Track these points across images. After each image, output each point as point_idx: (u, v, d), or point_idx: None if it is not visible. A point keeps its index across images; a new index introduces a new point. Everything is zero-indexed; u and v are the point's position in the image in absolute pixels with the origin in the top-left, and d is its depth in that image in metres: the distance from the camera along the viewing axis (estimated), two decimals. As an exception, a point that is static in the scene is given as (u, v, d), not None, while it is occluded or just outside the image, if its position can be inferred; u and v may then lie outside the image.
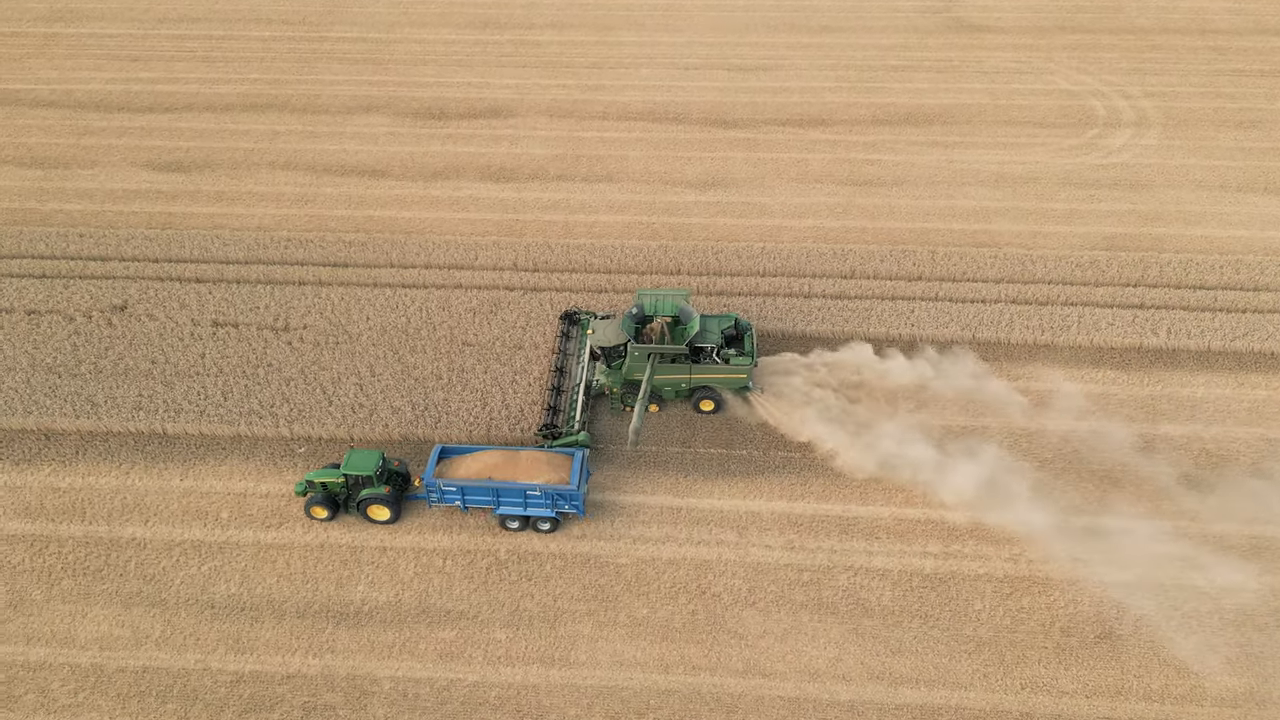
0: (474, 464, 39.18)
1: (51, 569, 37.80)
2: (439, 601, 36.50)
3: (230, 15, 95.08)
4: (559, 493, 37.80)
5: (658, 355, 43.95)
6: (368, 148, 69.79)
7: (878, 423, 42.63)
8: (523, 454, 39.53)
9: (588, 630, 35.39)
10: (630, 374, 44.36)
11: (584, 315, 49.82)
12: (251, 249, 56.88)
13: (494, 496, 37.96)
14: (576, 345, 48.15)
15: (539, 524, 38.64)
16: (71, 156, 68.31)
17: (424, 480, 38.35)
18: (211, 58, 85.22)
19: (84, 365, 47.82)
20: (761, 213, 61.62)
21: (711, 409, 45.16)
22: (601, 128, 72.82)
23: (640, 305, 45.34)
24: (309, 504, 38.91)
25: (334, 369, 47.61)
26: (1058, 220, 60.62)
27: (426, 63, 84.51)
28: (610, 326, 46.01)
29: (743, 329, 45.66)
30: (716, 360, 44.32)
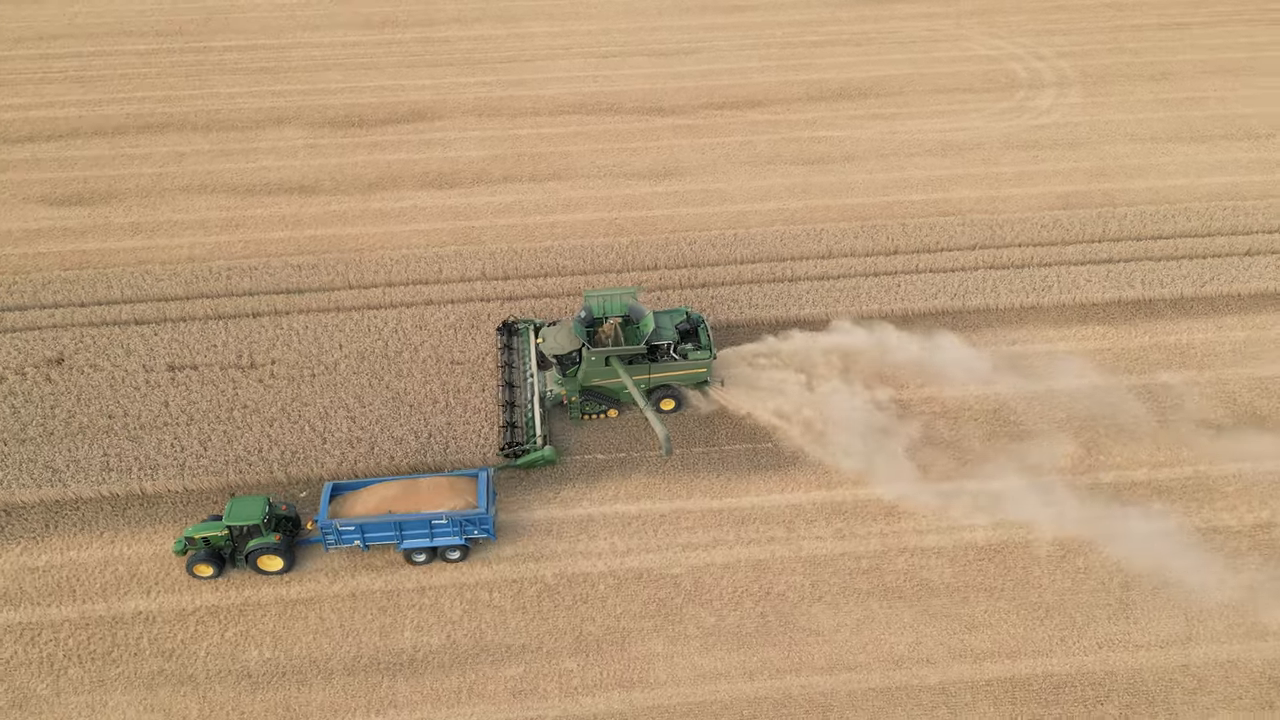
0: (370, 498, 37.62)
1: (52, 658, 34.73)
2: (496, 637, 35.30)
3: (93, 30, 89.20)
4: (467, 518, 36.84)
5: (619, 357, 43.22)
6: (288, 163, 66.69)
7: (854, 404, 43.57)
8: (422, 481, 38.28)
9: (660, 647, 34.87)
10: (588, 380, 43.77)
11: (523, 324, 48.91)
12: (190, 282, 53.54)
13: (397, 531, 36.75)
14: (519, 356, 47.16)
15: (447, 554, 37.57)
16: (-50, 197, 62.70)
17: (318, 523, 36.59)
18: (85, 77, 79.77)
19: (31, 428, 44.07)
20: (722, 199, 61.85)
21: (673, 407, 45.00)
22: (535, 124, 71.63)
23: (588, 308, 44.72)
24: (191, 563, 36.60)
25: (317, 403, 45.36)
26: (1010, 183, 63.04)
27: (329, 68, 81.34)
28: (560, 333, 45.19)
29: (695, 322, 45.47)
30: (674, 357, 43.97)
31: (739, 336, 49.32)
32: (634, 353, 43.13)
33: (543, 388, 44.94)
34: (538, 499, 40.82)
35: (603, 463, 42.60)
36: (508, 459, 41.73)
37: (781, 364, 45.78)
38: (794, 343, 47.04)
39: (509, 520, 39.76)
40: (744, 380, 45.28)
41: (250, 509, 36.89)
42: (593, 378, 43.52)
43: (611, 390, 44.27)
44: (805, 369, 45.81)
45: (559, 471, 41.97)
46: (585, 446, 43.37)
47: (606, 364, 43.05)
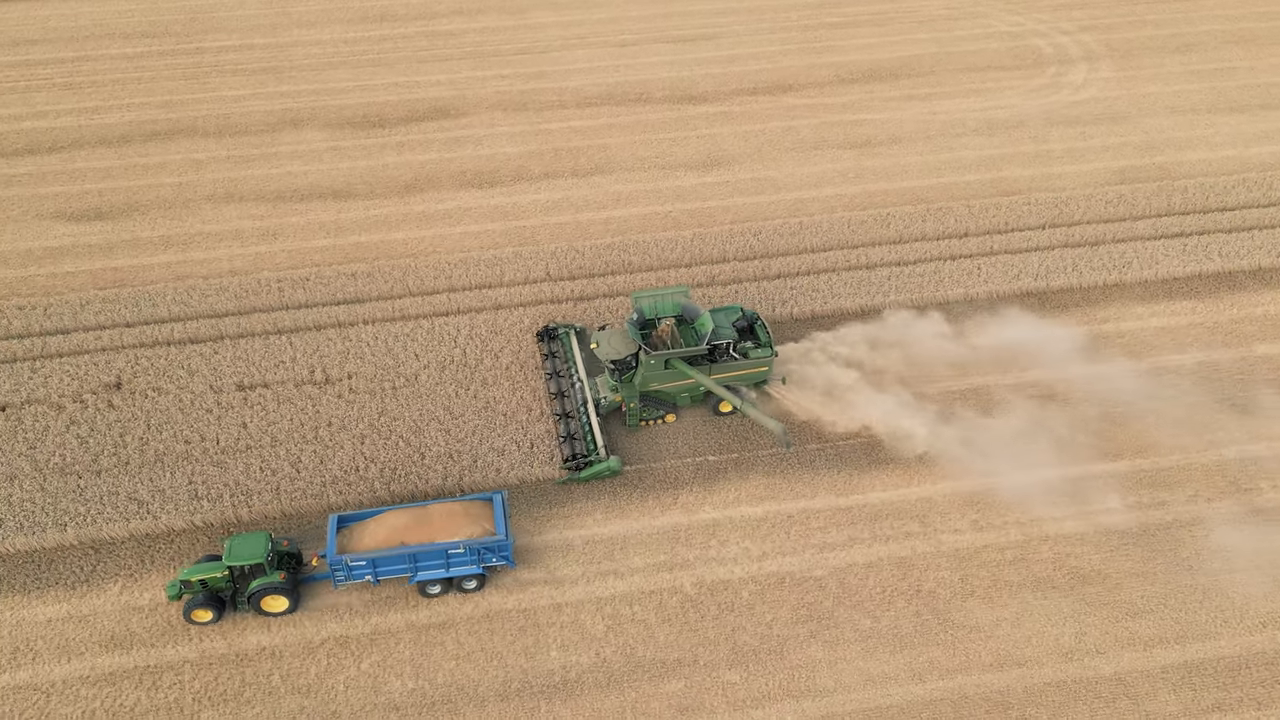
0: (379, 529, 35.98)
1: (180, 703, 33.21)
2: (647, 652, 34.53)
3: (72, 34, 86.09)
4: (486, 546, 35.57)
5: (685, 358, 42.21)
6: (314, 167, 64.91)
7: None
8: (433, 509, 36.73)
9: (820, 653, 34.39)
10: (645, 385, 42.82)
11: (564, 329, 47.94)
12: (240, 297, 51.78)
13: (411, 563, 35.36)
14: (564, 363, 46.17)
15: (464, 584, 36.31)
16: (-43, 217, 59.98)
17: (327, 559, 35.00)
18: (75, 84, 76.94)
19: (103, 459, 42.23)
20: (775, 187, 61.44)
21: (731, 409, 44.24)
22: (564, 117, 70.58)
23: (639, 309, 43.59)
24: (188, 608, 34.79)
25: (406, 417, 44.09)
26: (1061, 160, 63.46)
27: (335, 66, 79.39)
28: (615, 337, 44.02)
29: (750, 318, 44.66)
30: (735, 356, 43.10)
31: (823, 326, 48.81)
32: (695, 354, 42.04)
33: (595, 394, 43.90)
34: (657, 504, 40.10)
35: (715, 465, 41.99)
36: (571, 472, 40.52)
37: (873, 351, 45.44)
38: (884, 328, 46.77)
39: (631, 529, 39.19)
40: (835, 368, 44.87)
41: (252, 547, 35.00)
42: (651, 382, 42.66)
43: (669, 394, 43.48)
44: (901, 357, 45.50)
45: (670, 476, 41.36)
46: (677, 450, 42.81)
47: (666, 367, 42.03)
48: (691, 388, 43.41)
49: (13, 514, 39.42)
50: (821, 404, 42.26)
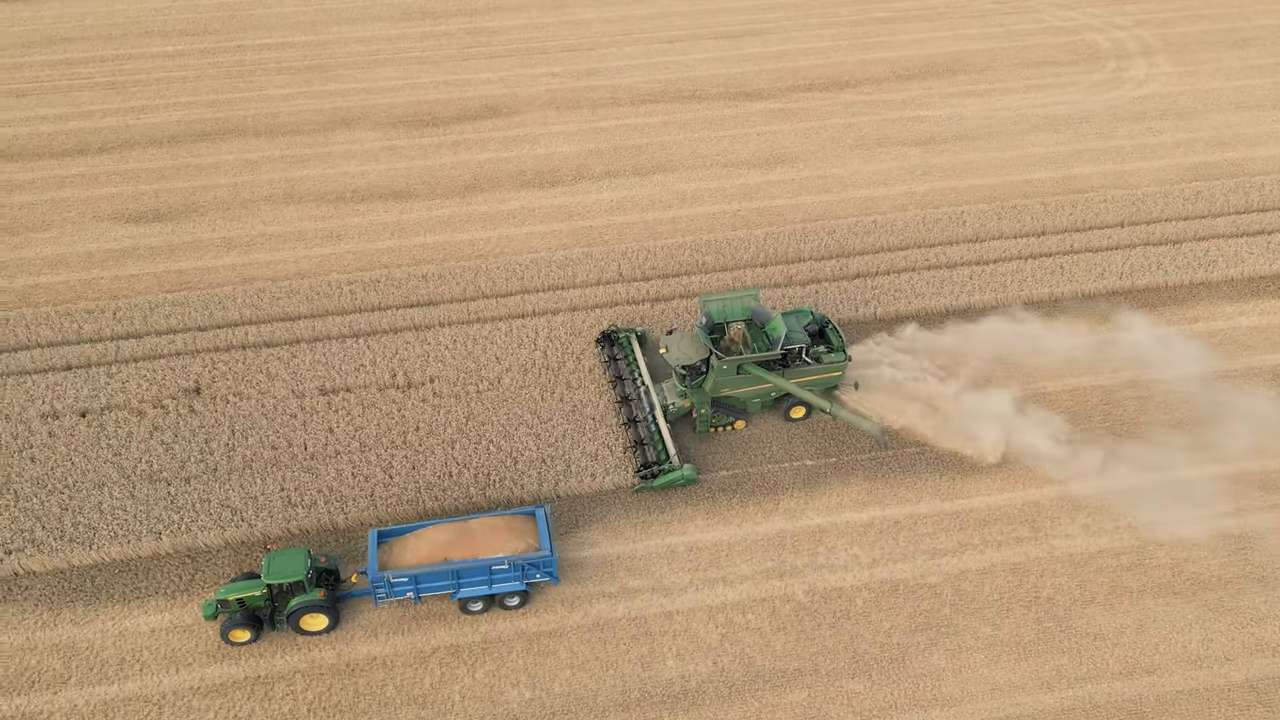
0: (421, 545, 35.22)
1: (294, 714, 32.95)
2: (766, 661, 34.22)
3: (109, 32, 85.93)
4: (530, 562, 34.83)
5: (762, 363, 41.72)
6: (371, 167, 64.63)
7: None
8: (474, 523, 35.95)
9: (942, 661, 34.08)
10: (717, 390, 42.23)
11: (624, 333, 47.37)
12: (312, 299, 51.48)
13: (453, 579, 34.71)
14: (627, 368, 45.59)
15: (506, 600, 35.48)
16: (12, 219, 59.83)
17: (369, 575, 34.19)
18: (117, 83, 76.71)
19: (190, 465, 41.94)
20: (842, 185, 61.12)
21: (803, 415, 43.89)
22: (620, 115, 70.29)
23: (708, 313, 43.08)
24: (226, 628, 34.03)
25: (494, 421, 43.80)
26: (1131, 157, 63.12)
27: (380, 64, 79.16)
28: (685, 342, 43.43)
29: (820, 322, 44.16)
30: (808, 361, 42.55)
31: (913, 325, 48.47)
32: (769, 359, 41.56)
33: (663, 400, 43.46)
34: (759, 510, 39.81)
35: (814, 469, 41.68)
36: (644, 480, 40.14)
37: (964, 355, 45.16)
38: (975, 331, 46.48)
39: (734, 535, 38.90)
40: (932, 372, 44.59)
41: (292, 564, 34.37)
42: (722, 388, 42.18)
43: (740, 400, 43.00)
44: (995, 359, 45.24)
45: (769, 481, 41.09)
46: (752, 457, 42.43)
47: (738, 372, 41.52)
48: (763, 393, 43.02)
49: (105, 522, 39.13)
50: (938, 422, 41.84)
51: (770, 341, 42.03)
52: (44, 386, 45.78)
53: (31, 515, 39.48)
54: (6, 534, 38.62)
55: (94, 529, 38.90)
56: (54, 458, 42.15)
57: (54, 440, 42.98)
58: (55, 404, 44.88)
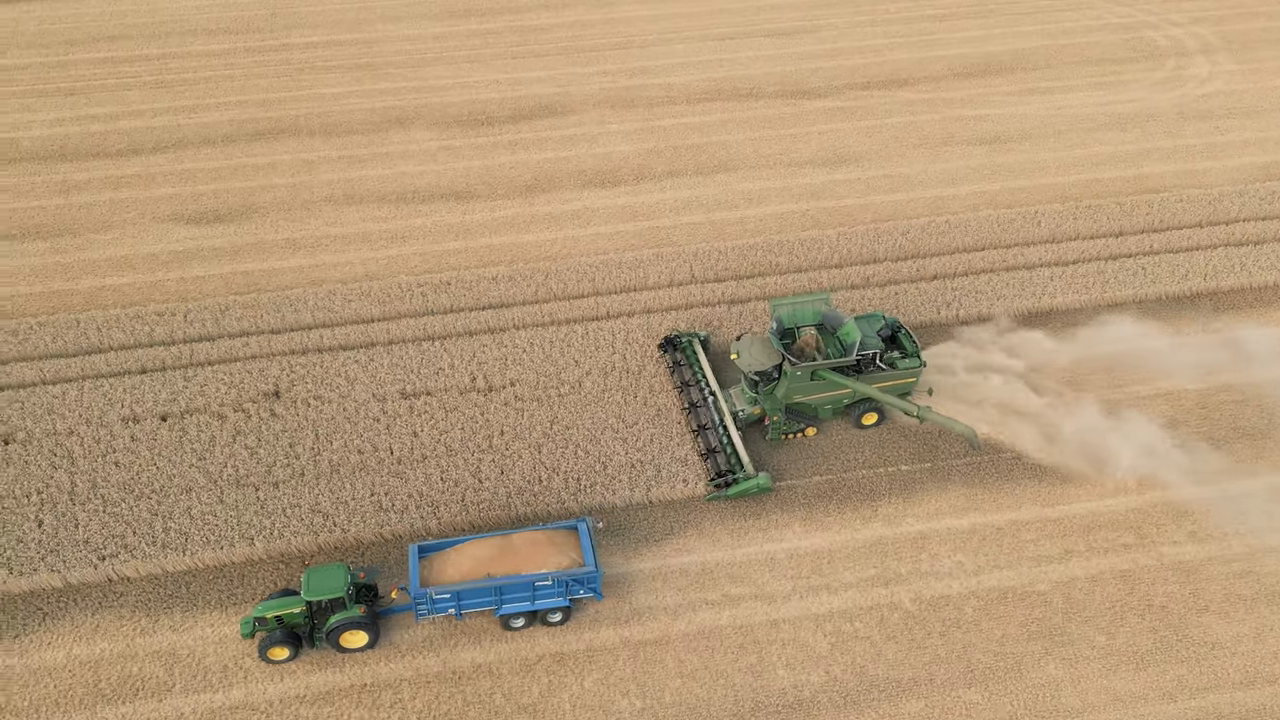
0: (463, 560, 34.76)
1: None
2: (879, 670, 33.97)
3: (152, 30, 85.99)
4: (575, 578, 34.31)
5: (841, 368, 41.31)
6: (429, 167, 64.51)
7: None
8: (516, 538, 35.47)
9: (1058, 671, 33.79)
10: (789, 397, 41.84)
11: (686, 337, 46.93)
12: (385, 302, 51.35)
13: (496, 595, 34.20)
14: (691, 374, 45.15)
15: (548, 616, 35.17)
16: (72, 219, 59.82)
17: (411, 591, 33.71)
18: (166, 82, 76.72)
19: (277, 469, 41.83)
20: (910, 184, 60.81)
21: (875, 421, 43.53)
22: (676, 114, 70.09)
23: (778, 318, 42.60)
24: (264, 647, 33.53)
25: (579, 425, 43.62)
26: (1202, 156, 62.67)
27: (429, 63, 79.06)
28: (756, 347, 42.96)
29: (892, 326, 43.76)
30: (882, 367, 42.12)
31: (993, 327, 48.26)
32: (843, 365, 41.11)
33: (732, 407, 43.11)
34: (856, 516, 39.60)
35: (909, 475, 41.38)
36: (717, 489, 39.84)
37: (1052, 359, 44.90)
38: (1068, 339, 46.21)
39: (833, 541, 38.69)
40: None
41: (332, 580, 33.80)
42: (795, 394, 41.80)
43: (812, 407, 42.62)
44: (1086, 362, 44.99)
45: (864, 487, 40.87)
46: (828, 464, 42.16)
47: (812, 379, 41.14)
48: (835, 400, 42.65)
49: (196, 527, 39.03)
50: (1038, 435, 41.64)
51: (844, 347, 41.64)
52: (121, 390, 45.70)
53: (121, 520, 39.40)
54: (98, 539, 38.54)
55: (186, 534, 38.79)
56: (138, 462, 42.06)
57: (136, 444, 42.91)
58: (134, 407, 44.79)
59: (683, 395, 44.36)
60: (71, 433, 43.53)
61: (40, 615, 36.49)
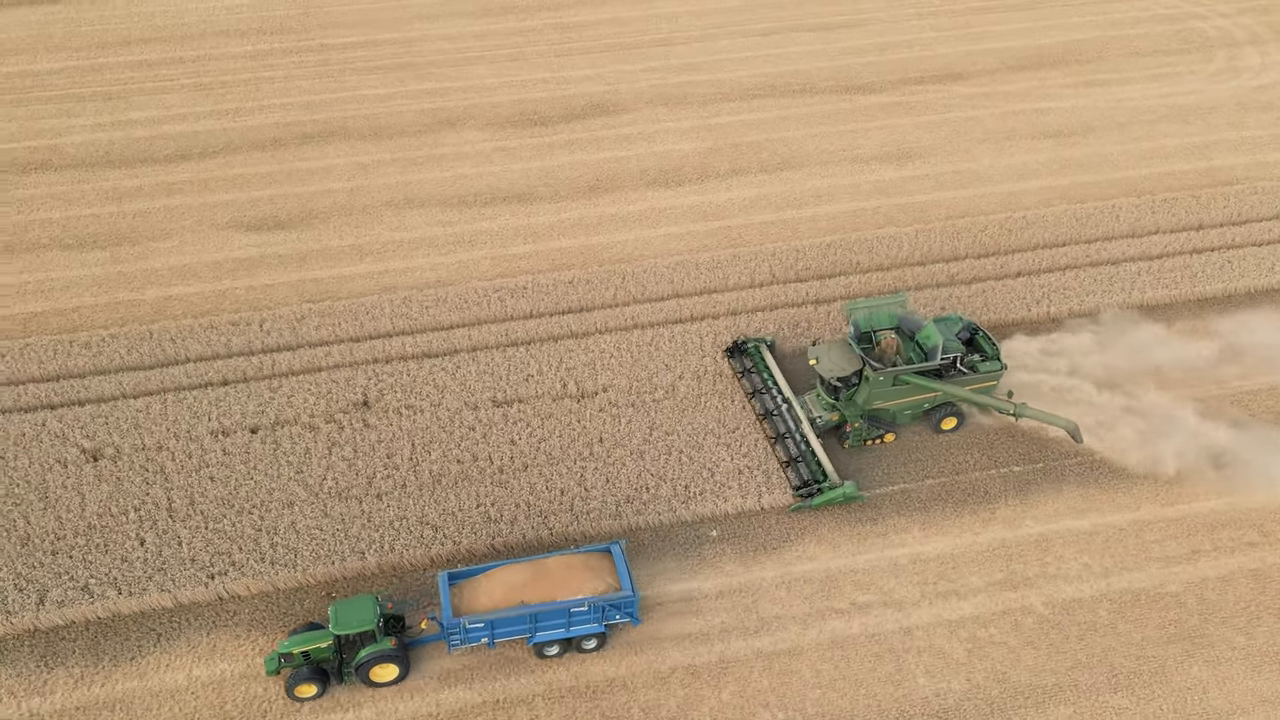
0: (495, 587, 33.87)
1: (545, 742, 32.29)
2: (1021, 677, 33.75)
3: (183, 32, 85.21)
4: (611, 603, 33.41)
5: (929, 373, 40.89)
6: (487, 169, 63.97)
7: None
8: (550, 562, 34.60)
9: (1202, 673, 33.64)
10: (870, 403, 41.37)
11: (753, 343, 46.40)
12: (461, 308, 50.87)
13: (530, 623, 33.25)
14: (761, 380, 44.64)
15: (583, 643, 34.27)
16: (128, 228, 59.11)
17: (442, 621, 32.89)
18: (205, 85, 75.97)
19: (378, 481, 41.37)
20: (979, 180, 60.62)
21: (954, 426, 43.18)
22: (731, 110, 69.73)
23: (855, 322, 42.08)
24: (291, 683, 32.57)
25: (679, 431, 43.31)
26: (1269, 148, 62.72)
27: (472, 62, 78.53)
28: (835, 352, 42.37)
29: (970, 329, 43.16)
30: (963, 371, 41.60)
31: (1092, 323, 48.09)
32: (929, 369, 40.66)
33: (810, 414, 42.58)
34: (975, 519, 39.48)
35: (1021, 475, 41.16)
36: (802, 499, 39.42)
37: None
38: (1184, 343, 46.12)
39: (955, 546, 38.43)
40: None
41: (360, 613, 32.88)
42: (876, 400, 41.33)
43: (891, 412, 42.20)
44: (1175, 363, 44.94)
45: (978, 489, 40.68)
46: (906, 472, 41.79)
47: (894, 384, 40.76)
48: (915, 405, 42.22)
49: (303, 542, 38.53)
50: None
51: (925, 351, 41.17)
52: (206, 403, 45.10)
53: (225, 536, 38.86)
54: (205, 557, 38.00)
55: (294, 549, 38.28)
56: (234, 476, 41.50)
57: (230, 458, 42.34)
58: (223, 420, 44.23)
59: (754, 402, 43.78)
60: (161, 447, 42.86)
61: (155, 636, 35.90)
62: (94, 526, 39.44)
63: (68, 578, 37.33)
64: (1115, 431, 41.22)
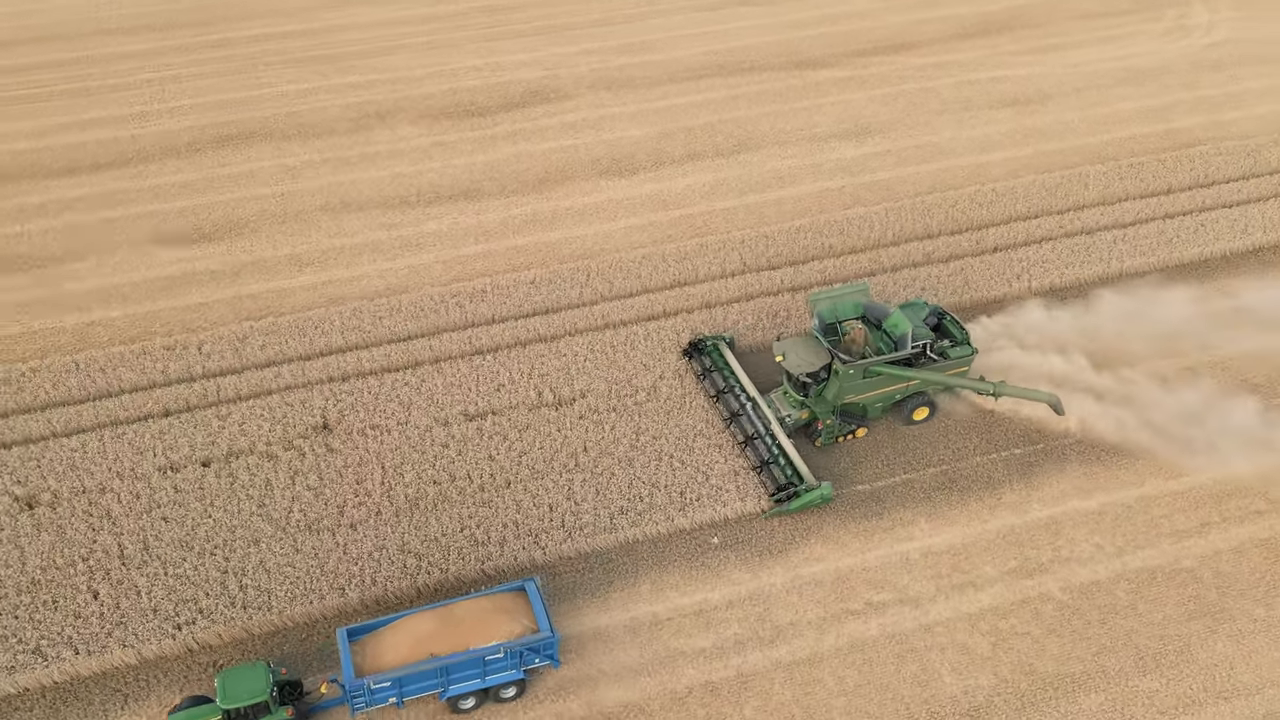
0: (401, 640, 32.41)
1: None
2: (1048, 667, 34.46)
3: (59, 31, 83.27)
4: (529, 647, 32.24)
5: (900, 361, 41.17)
6: (427, 165, 63.01)
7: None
8: (458, 608, 33.23)
9: (1229, 649, 34.75)
10: (841, 397, 41.59)
11: (711, 340, 46.45)
12: (418, 316, 50.01)
13: (442, 677, 31.87)
14: (724, 380, 44.44)
15: (501, 693, 33.06)
16: (40, 248, 56.82)
17: (345, 684, 31.33)
18: (91, 90, 74.53)
19: (349, 510, 40.44)
20: (943, 154, 61.68)
21: (926, 416, 43.73)
22: (679, 92, 69.85)
23: (819, 314, 42.27)
24: None
25: (667, 435, 43.26)
26: (1226, 107, 65.00)
27: (394, 50, 77.50)
28: (803, 347, 42.33)
29: (937, 313, 43.74)
30: (933, 358, 42.02)
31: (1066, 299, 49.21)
32: (901, 358, 40.91)
33: (778, 412, 42.76)
34: (980, 506, 40.12)
35: (1022, 458, 42.01)
36: (778, 504, 39.60)
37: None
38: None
39: (965, 535, 38.91)
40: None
41: (251, 682, 31.21)
42: (847, 394, 41.48)
43: (862, 406, 42.43)
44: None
45: (980, 475, 41.25)
46: (887, 467, 42.20)
47: (864, 376, 41.06)
48: (886, 397, 42.49)
49: (275, 581, 37.45)
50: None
51: (894, 340, 41.38)
52: (149, 437, 43.53)
53: (188, 582, 37.58)
54: (168, 606, 36.68)
55: (266, 590, 37.18)
56: (190, 515, 40.15)
57: (183, 496, 40.95)
58: (169, 455, 42.74)
59: (720, 405, 43.68)
60: (104, 489, 41.24)
61: (121, 697, 34.65)
62: (38, 582, 37.70)
63: (15, 640, 35.64)
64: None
